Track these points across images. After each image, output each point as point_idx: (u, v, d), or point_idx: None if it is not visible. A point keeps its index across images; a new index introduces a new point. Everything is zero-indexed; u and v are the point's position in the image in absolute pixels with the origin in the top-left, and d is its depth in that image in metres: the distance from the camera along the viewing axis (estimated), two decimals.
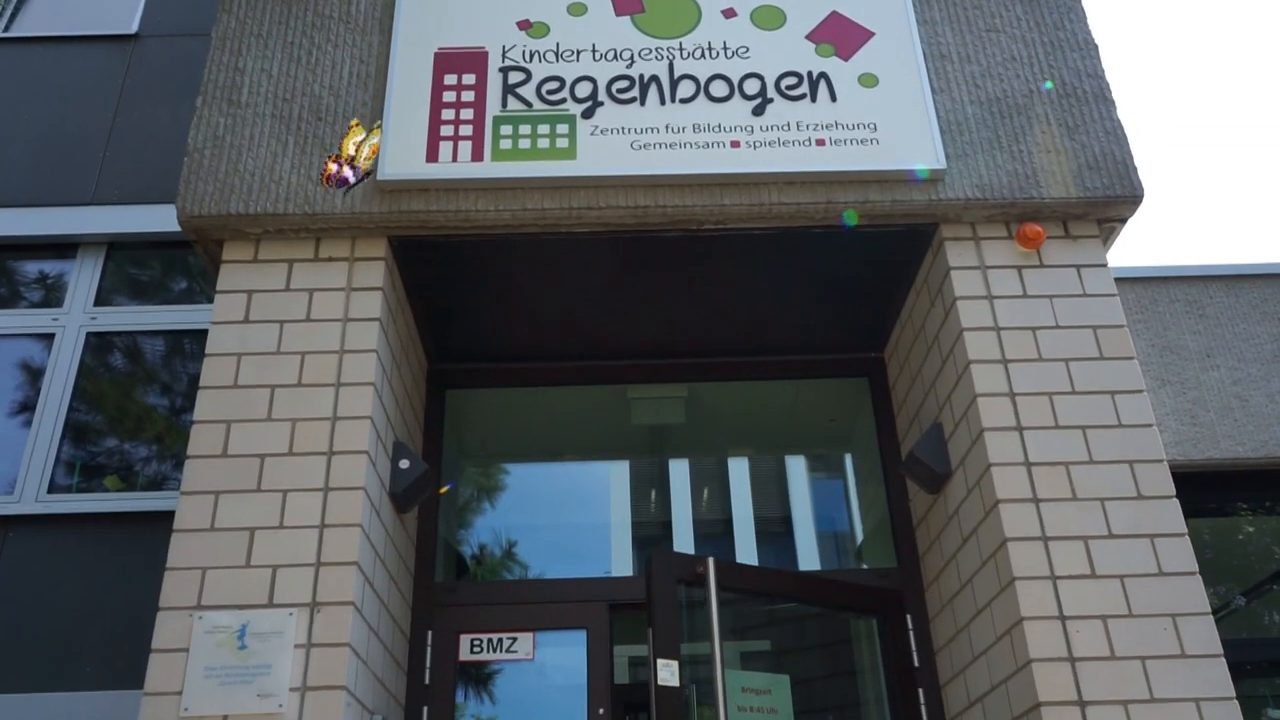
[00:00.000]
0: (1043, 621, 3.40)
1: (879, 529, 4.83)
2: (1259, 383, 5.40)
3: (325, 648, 3.32)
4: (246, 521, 3.49)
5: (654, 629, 3.76)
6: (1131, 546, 3.51)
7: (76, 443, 5.28)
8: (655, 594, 3.88)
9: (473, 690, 4.54)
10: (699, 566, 3.94)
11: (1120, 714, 3.26)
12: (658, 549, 3.88)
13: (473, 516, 5.26)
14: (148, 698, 3.25)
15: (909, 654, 4.32)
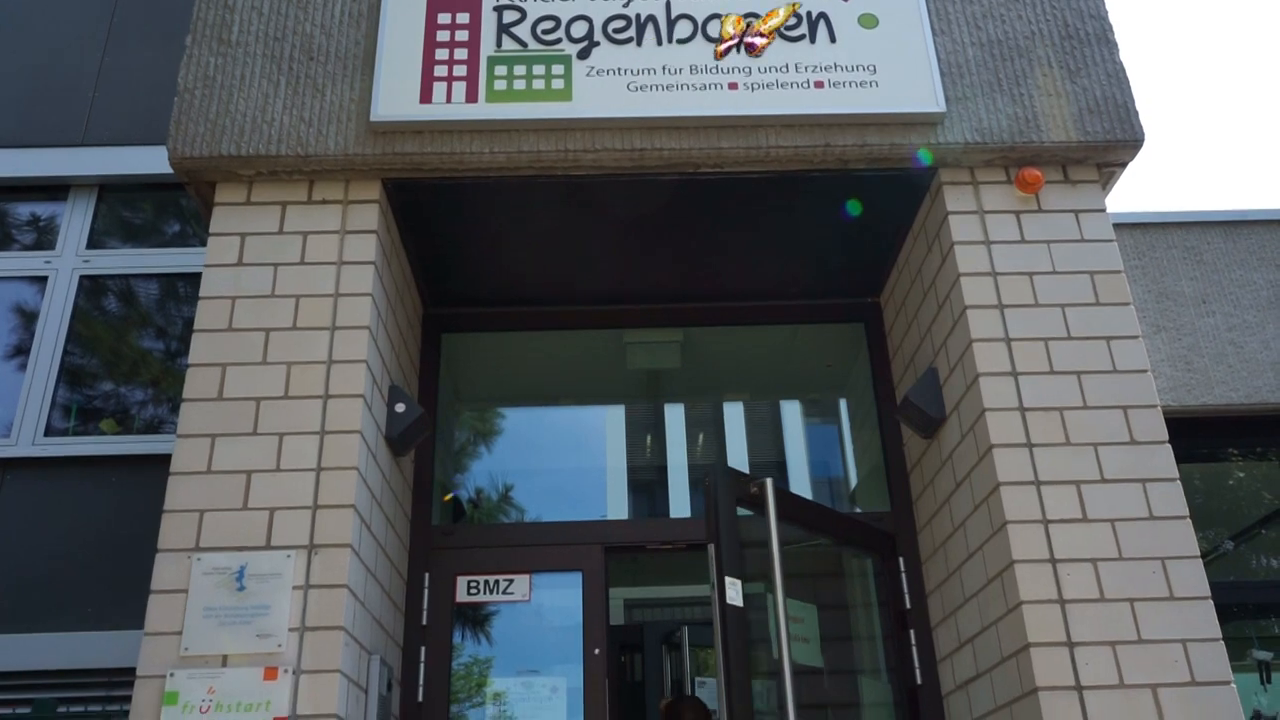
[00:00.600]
0: (1033, 565, 3.43)
1: (873, 473, 4.86)
2: (1254, 329, 5.41)
3: (323, 589, 3.35)
4: (243, 464, 3.50)
5: (718, 547, 3.63)
6: (1123, 491, 3.53)
7: (72, 386, 5.28)
8: (719, 511, 3.72)
9: (470, 631, 4.59)
10: (754, 487, 3.85)
11: (1108, 654, 3.31)
12: (715, 465, 3.78)
13: (468, 460, 5.28)
14: (148, 638, 3.29)
15: (901, 596, 4.37)
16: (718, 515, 3.71)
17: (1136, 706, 3.24)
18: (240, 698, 3.19)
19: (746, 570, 3.70)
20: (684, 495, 5.66)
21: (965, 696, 3.91)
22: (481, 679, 4.53)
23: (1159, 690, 3.27)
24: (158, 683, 3.21)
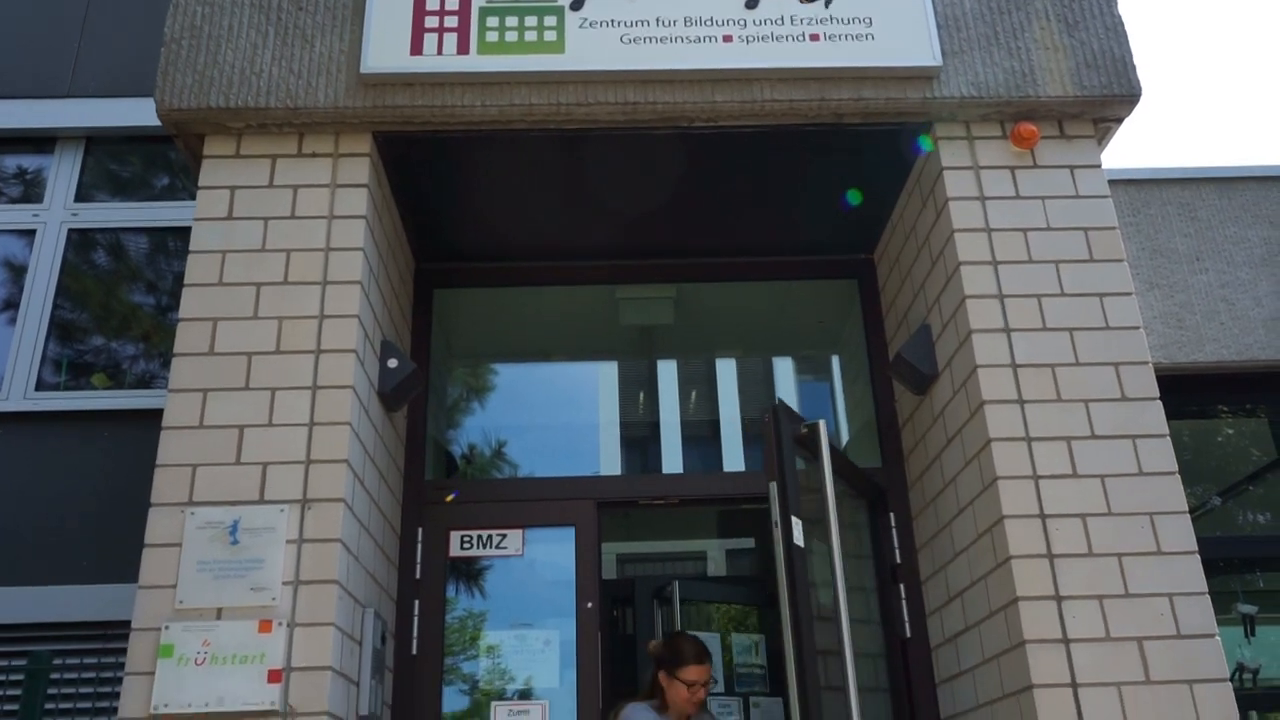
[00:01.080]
0: (1023, 520, 3.46)
1: (865, 429, 4.88)
2: (1246, 286, 5.41)
3: (317, 543, 3.37)
4: (235, 419, 3.49)
5: (782, 486, 3.58)
6: (1113, 447, 3.55)
7: (62, 341, 5.25)
8: (781, 450, 3.67)
9: (463, 585, 4.62)
10: (804, 428, 3.83)
11: (1095, 608, 3.35)
12: (777, 405, 3.74)
13: (461, 416, 5.28)
14: (142, 590, 3.30)
15: (891, 550, 4.40)
16: (780, 454, 3.66)
17: (1122, 658, 3.28)
18: (235, 650, 3.21)
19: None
20: (676, 451, 5.68)
21: (954, 649, 3.95)
22: (475, 632, 4.57)
23: (1145, 643, 3.31)
24: (153, 635, 3.23)
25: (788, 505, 3.55)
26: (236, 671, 3.19)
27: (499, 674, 4.48)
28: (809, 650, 3.40)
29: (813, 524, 3.71)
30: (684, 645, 4.10)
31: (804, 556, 3.57)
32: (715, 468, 5.82)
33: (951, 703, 4.00)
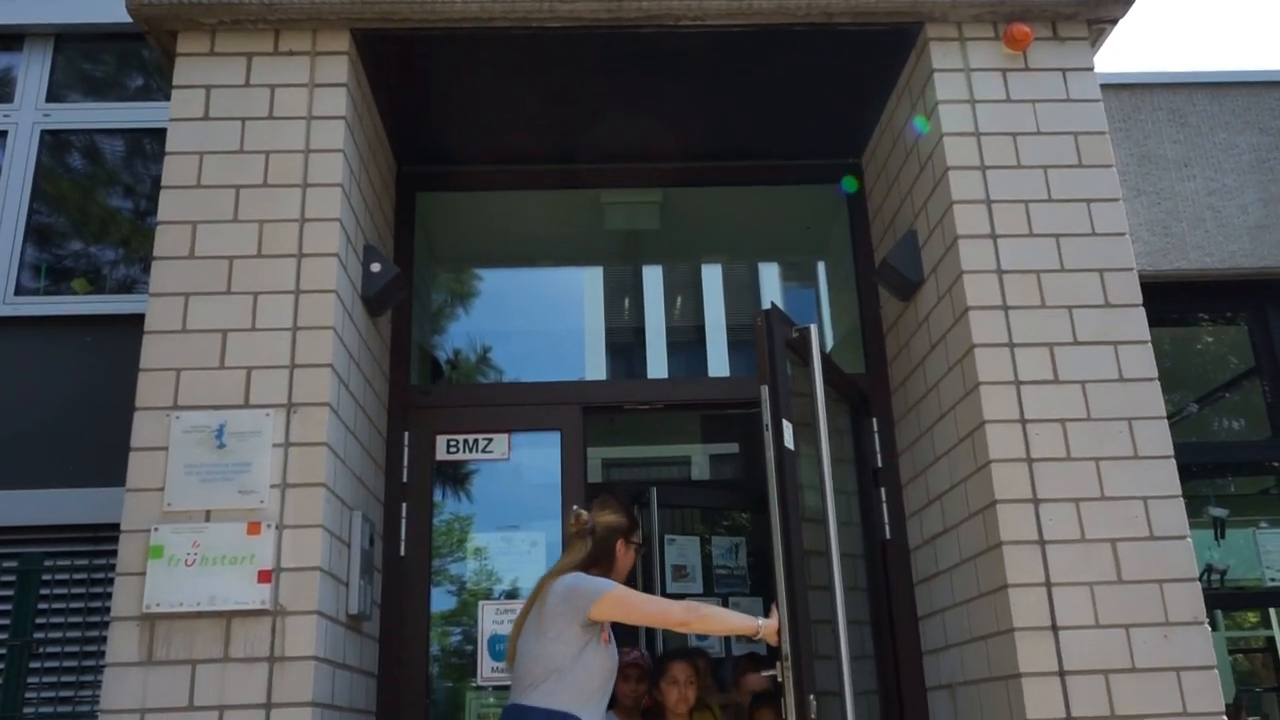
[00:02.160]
0: (1004, 425, 3.50)
1: (849, 336, 4.89)
2: (1233, 193, 5.39)
3: (303, 447, 3.38)
4: (218, 323, 3.47)
5: (774, 389, 3.58)
6: (1095, 353, 3.58)
7: (40, 245, 5.18)
8: (772, 354, 3.65)
9: (450, 489, 4.67)
10: (795, 332, 3.82)
11: (1072, 510, 3.41)
12: (769, 309, 3.72)
13: (446, 321, 5.27)
14: (131, 493, 3.32)
15: (873, 455, 4.46)
16: (771, 358, 3.64)
17: (1095, 559, 3.36)
18: (224, 551, 3.25)
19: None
20: (661, 357, 5.70)
21: (932, 551, 4.04)
22: (462, 535, 4.63)
23: (1118, 544, 3.39)
24: (142, 537, 3.26)
25: (779, 409, 3.56)
26: (226, 572, 3.24)
27: (486, 575, 4.56)
28: (797, 551, 3.46)
29: (801, 428, 3.74)
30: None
31: (794, 459, 3.60)
32: (700, 373, 5.86)
33: (929, 602, 4.10)
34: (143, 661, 3.16)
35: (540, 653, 3.13)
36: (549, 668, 3.10)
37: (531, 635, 3.17)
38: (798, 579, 3.42)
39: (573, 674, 3.10)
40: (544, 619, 3.15)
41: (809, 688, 3.29)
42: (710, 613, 3.28)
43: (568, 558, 3.37)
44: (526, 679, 3.13)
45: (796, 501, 3.54)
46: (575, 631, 3.13)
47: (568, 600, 3.15)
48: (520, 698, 3.13)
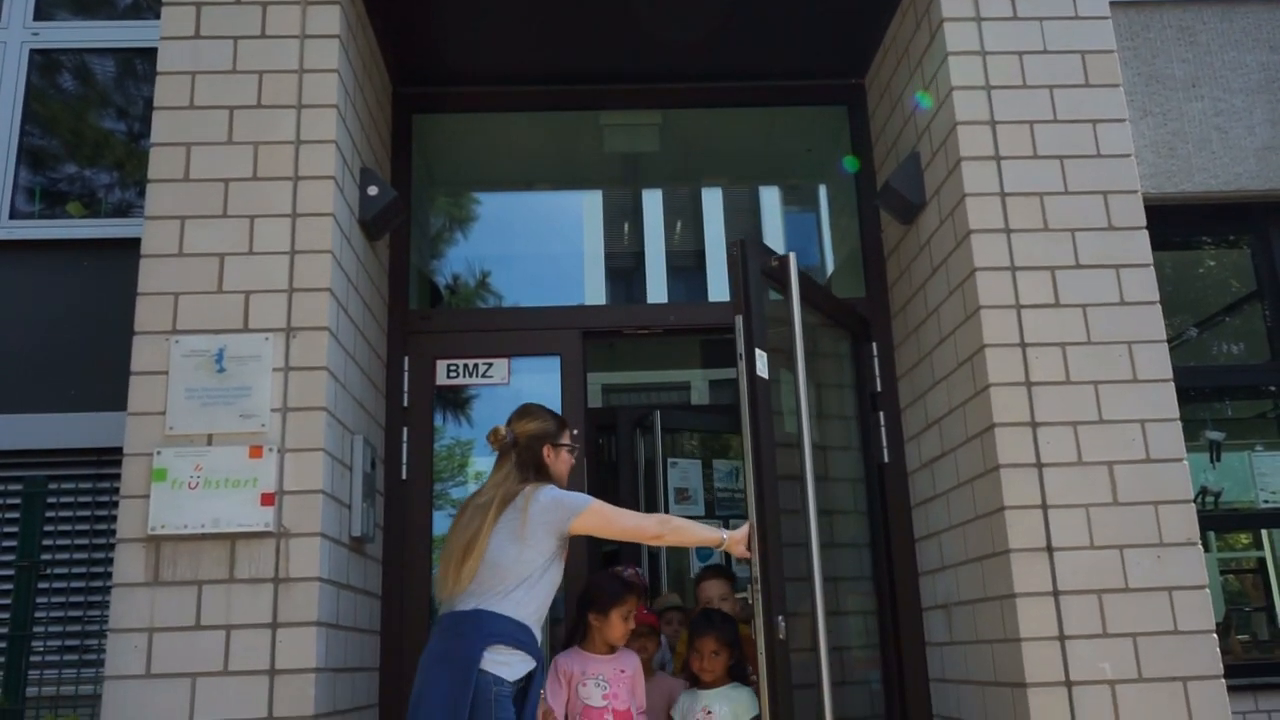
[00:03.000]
0: (1003, 349, 3.50)
1: (850, 260, 4.87)
2: (1241, 114, 5.32)
3: (303, 371, 3.38)
4: (215, 247, 3.45)
5: (746, 318, 3.59)
6: (1097, 276, 3.56)
7: (34, 168, 5.13)
8: (747, 283, 3.64)
9: (450, 414, 4.69)
10: (774, 261, 3.80)
11: (1069, 434, 3.43)
12: (744, 239, 3.69)
13: (445, 246, 5.24)
14: (132, 418, 3.33)
15: (873, 379, 4.46)
16: (746, 287, 3.64)
17: (1092, 481, 3.39)
18: (227, 474, 3.28)
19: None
20: (661, 281, 5.68)
21: (930, 474, 4.07)
22: (463, 459, 4.66)
23: (1115, 467, 3.41)
24: (145, 460, 3.29)
25: (752, 338, 3.58)
26: (230, 495, 3.26)
27: None
28: (768, 477, 3.52)
29: (786, 355, 3.74)
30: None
31: (768, 387, 3.62)
32: (700, 298, 5.84)
33: (925, 524, 4.14)
34: (149, 582, 3.20)
35: (518, 558, 3.09)
36: (521, 576, 3.09)
37: (508, 541, 3.11)
38: (768, 504, 3.47)
39: (539, 586, 3.12)
40: (526, 526, 3.11)
41: (778, 609, 3.36)
42: (681, 525, 3.36)
43: (495, 476, 3.30)
44: (496, 585, 3.08)
45: (770, 429, 3.57)
46: (551, 543, 3.15)
47: (553, 510, 3.16)
48: (487, 604, 3.06)
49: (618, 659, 3.53)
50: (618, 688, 3.45)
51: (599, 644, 3.52)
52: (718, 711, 3.49)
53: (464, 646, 2.96)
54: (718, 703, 3.52)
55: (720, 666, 3.55)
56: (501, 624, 3.02)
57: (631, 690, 3.52)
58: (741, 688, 3.59)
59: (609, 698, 3.42)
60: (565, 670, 3.49)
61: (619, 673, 3.49)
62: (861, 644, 4.29)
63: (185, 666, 3.15)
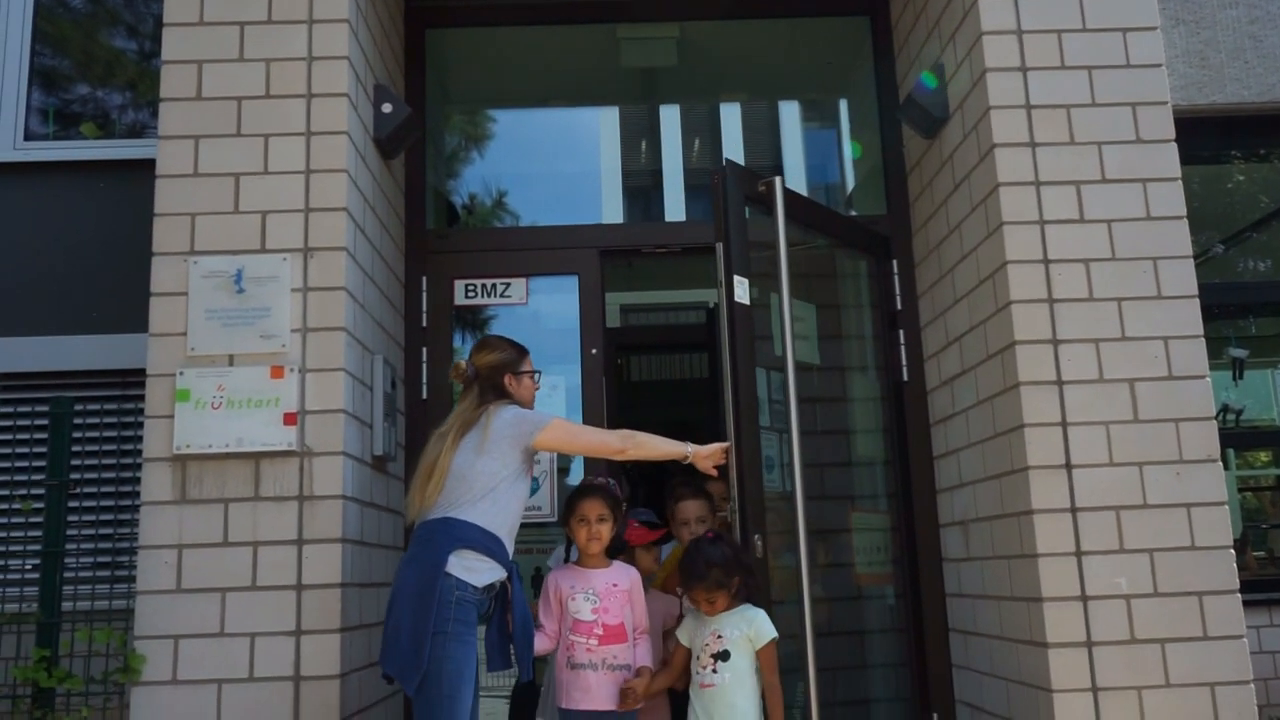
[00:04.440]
0: (1026, 265, 3.46)
1: (871, 176, 4.80)
2: (1277, 21, 5.15)
3: (322, 291, 3.39)
4: (230, 167, 3.43)
5: (726, 246, 3.62)
6: (1123, 191, 3.50)
7: (46, 89, 5.08)
8: (728, 210, 3.65)
9: (469, 334, 4.69)
10: (762, 186, 3.78)
11: (1091, 351, 3.40)
12: (725, 164, 3.68)
13: (461, 165, 5.19)
14: (154, 339, 3.35)
15: (893, 297, 4.43)
16: (726, 214, 3.65)
17: (1113, 399, 3.37)
18: (250, 394, 3.30)
19: (754, 269, 3.71)
20: (679, 199, 5.61)
21: (949, 392, 4.06)
22: None
23: (1136, 384, 3.39)
24: (168, 381, 3.31)
25: (731, 265, 3.60)
26: (252, 414, 3.29)
27: None
28: (746, 400, 3.56)
29: (794, 279, 3.73)
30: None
31: (747, 313, 3.64)
32: None
33: (944, 442, 4.15)
34: (176, 500, 3.25)
35: (481, 469, 3.06)
36: (487, 486, 3.07)
37: (472, 455, 3.09)
38: (745, 426, 3.51)
39: (505, 498, 3.09)
40: (488, 440, 3.10)
41: (755, 528, 3.41)
42: (644, 440, 3.27)
43: (459, 408, 3.27)
44: (464, 495, 3.05)
45: (748, 353, 3.61)
46: (516, 456, 3.12)
47: (515, 425, 3.14)
48: (454, 513, 3.03)
49: (610, 572, 3.34)
50: (609, 602, 3.26)
51: (585, 557, 3.36)
52: (729, 635, 3.21)
53: (431, 550, 2.98)
54: (729, 626, 3.23)
55: (722, 603, 3.24)
56: (469, 530, 3.01)
57: (627, 605, 3.30)
58: (754, 609, 3.29)
59: (598, 612, 3.25)
60: (555, 587, 3.32)
61: (610, 586, 3.29)
62: (877, 560, 4.33)
63: (215, 582, 3.21)
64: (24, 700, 3.42)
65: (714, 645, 3.21)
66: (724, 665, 3.19)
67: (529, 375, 3.41)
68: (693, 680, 3.27)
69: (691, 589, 3.25)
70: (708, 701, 3.20)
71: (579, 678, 3.22)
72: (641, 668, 3.28)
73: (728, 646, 3.20)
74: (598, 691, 3.20)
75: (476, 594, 2.99)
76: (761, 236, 3.74)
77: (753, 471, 3.51)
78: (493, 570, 3.03)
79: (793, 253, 3.73)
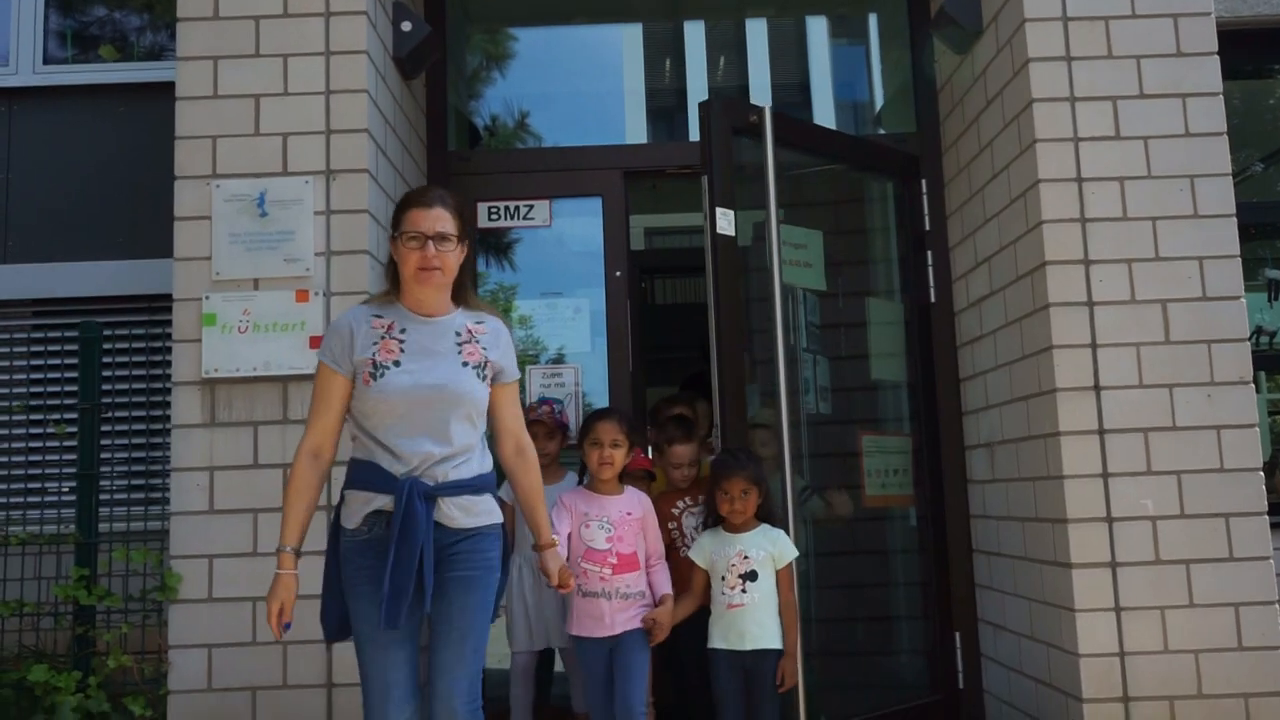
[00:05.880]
0: (1059, 184, 3.39)
1: (900, 94, 4.69)
2: None
3: (345, 214, 3.37)
4: (250, 88, 3.40)
5: (710, 177, 3.62)
6: (1161, 106, 3.41)
7: (64, 11, 5.03)
8: (711, 142, 3.66)
9: (493, 257, 4.68)
10: (753, 115, 3.75)
11: (1124, 271, 3.35)
12: (711, 98, 3.68)
13: (482, 86, 5.11)
14: (179, 263, 3.36)
15: (921, 218, 4.37)
16: (710, 146, 3.65)
17: (1145, 320, 3.33)
18: (275, 318, 3.32)
19: (752, 200, 3.68)
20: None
21: (977, 313, 4.02)
22: (507, 303, 4.68)
23: (1169, 305, 3.34)
24: (195, 305, 3.33)
25: (715, 198, 3.60)
26: (279, 339, 3.31)
27: (532, 342, 4.63)
28: (730, 330, 3.59)
29: (795, 208, 3.72)
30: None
31: (732, 244, 3.66)
32: None
33: (971, 364, 4.12)
34: (206, 423, 3.29)
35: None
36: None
37: None
38: (727, 358, 3.55)
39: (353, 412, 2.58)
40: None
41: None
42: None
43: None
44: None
45: (731, 284, 3.64)
46: (344, 366, 2.56)
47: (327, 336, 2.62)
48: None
49: (624, 500, 3.26)
50: (623, 530, 3.20)
51: (597, 482, 3.25)
52: (755, 555, 3.22)
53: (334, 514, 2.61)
54: (754, 546, 3.24)
55: (751, 507, 3.25)
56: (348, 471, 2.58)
57: (640, 534, 3.24)
58: (774, 529, 3.31)
59: (613, 540, 3.18)
60: (570, 505, 3.22)
61: (625, 515, 3.23)
62: (901, 483, 4.33)
63: (246, 503, 3.27)
64: (65, 617, 3.52)
65: (741, 566, 3.23)
66: (752, 585, 3.22)
67: (404, 237, 2.55)
68: (716, 601, 3.28)
69: (731, 478, 3.23)
70: (737, 621, 3.22)
71: (592, 605, 3.19)
72: (664, 596, 3.25)
73: (755, 567, 3.23)
74: (611, 619, 3.17)
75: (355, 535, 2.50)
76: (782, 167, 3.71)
77: (735, 400, 3.53)
78: (364, 503, 2.50)
79: (803, 178, 3.70)
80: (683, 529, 3.57)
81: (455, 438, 2.52)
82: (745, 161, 3.77)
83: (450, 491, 2.50)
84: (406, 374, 2.50)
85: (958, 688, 4.13)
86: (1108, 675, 3.21)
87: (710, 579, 3.30)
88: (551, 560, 2.76)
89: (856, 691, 3.10)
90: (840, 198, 4.58)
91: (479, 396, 2.58)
